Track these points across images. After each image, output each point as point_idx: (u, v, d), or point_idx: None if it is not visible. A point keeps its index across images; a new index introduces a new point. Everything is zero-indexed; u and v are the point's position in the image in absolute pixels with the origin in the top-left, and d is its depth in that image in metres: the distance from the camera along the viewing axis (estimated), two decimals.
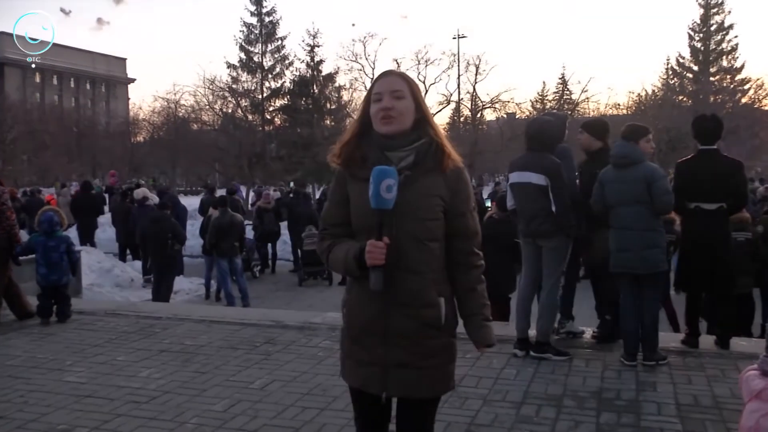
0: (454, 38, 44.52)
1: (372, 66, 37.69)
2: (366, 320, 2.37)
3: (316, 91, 38.28)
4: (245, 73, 38.84)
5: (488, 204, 8.83)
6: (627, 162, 5.26)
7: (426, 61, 37.45)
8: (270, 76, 39.04)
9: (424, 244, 2.31)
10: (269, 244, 15.15)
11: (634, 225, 5.17)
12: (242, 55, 38.74)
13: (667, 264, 5.27)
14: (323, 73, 38.49)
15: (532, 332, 5.67)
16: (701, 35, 42.02)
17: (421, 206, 2.30)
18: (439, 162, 2.34)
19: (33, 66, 60.80)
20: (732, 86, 41.87)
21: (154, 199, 14.63)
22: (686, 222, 5.76)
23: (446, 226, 2.36)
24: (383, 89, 2.35)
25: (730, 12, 41.49)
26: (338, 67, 40.36)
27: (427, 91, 36.93)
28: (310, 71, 38.41)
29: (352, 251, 2.30)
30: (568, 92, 49.00)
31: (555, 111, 8.85)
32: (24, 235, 8.65)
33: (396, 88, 2.35)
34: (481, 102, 40.72)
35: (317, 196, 24.80)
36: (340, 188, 2.44)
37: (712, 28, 41.95)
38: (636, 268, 5.19)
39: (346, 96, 39.63)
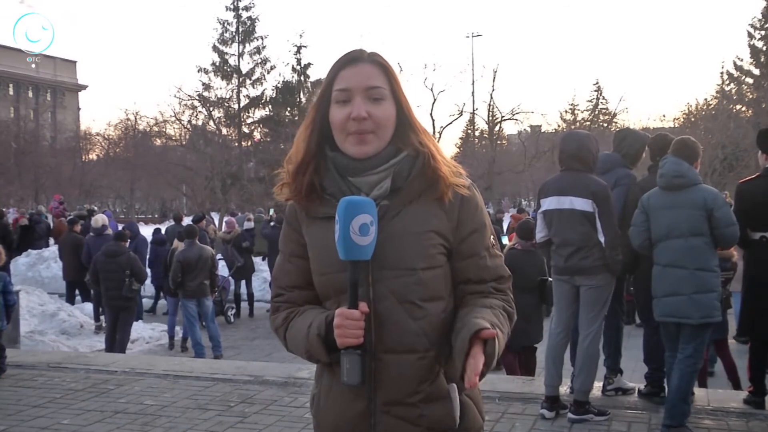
0: (468, 37, 45.03)
1: None
2: (343, 426, 1.94)
3: (303, 99, 38.63)
4: (219, 78, 39.23)
5: (505, 240, 8.76)
6: (682, 183, 5.07)
7: (434, 66, 37.78)
8: (248, 81, 39.47)
9: (418, 306, 1.87)
10: (243, 282, 15.15)
11: (687, 262, 4.98)
12: (215, 57, 39.23)
13: (721, 314, 5.07)
14: (312, 79, 38.84)
15: (563, 388, 5.67)
16: (763, 32, 42.40)
17: (409, 249, 1.87)
18: (431, 181, 1.91)
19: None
20: None
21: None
22: (750, 256, 5.72)
23: (453, 275, 1.95)
24: (353, 84, 1.88)
25: None
26: None
27: (435, 100, 37.24)
28: (296, 76, 38.80)
29: (315, 325, 1.87)
30: (603, 101, 49.39)
31: (639, 130, 8.44)
32: None
33: (373, 84, 1.89)
34: (500, 113, 41.02)
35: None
36: (294, 233, 2.01)
37: None
38: (687, 316, 4.99)
39: None
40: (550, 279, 6.03)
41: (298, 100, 38.82)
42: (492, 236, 2.02)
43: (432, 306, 1.88)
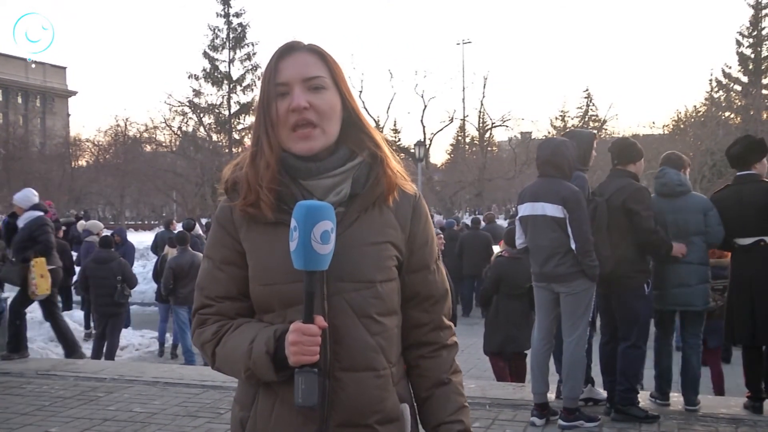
0: (458, 44, 45.20)
1: (361, 77, 38.13)
2: None
3: None
4: (209, 85, 39.16)
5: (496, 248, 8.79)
6: (683, 191, 5.82)
7: (425, 72, 37.87)
8: (239, 88, 39.40)
9: (376, 321, 1.77)
10: None
11: (692, 258, 5.69)
12: (206, 64, 39.14)
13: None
14: None
15: (551, 395, 5.69)
16: (751, 40, 42.66)
17: (368, 261, 1.77)
18: (386, 188, 1.82)
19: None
20: None
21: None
22: (732, 261, 6.07)
23: (402, 288, 1.87)
24: (290, 76, 1.76)
25: None
26: None
27: (426, 107, 37.31)
28: None
29: (262, 341, 1.71)
30: (593, 108, 49.66)
31: (580, 129, 8.83)
32: None
33: (312, 74, 1.77)
34: (491, 119, 41.14)
35: None
36: (228, 238, 1.84)
37: (764, 32, 42.59)
38: (694, 304, 5.74)
39: None
40: None
41: None
42: (438, 250, 1.97)
43: (388, 321, 1.81)
